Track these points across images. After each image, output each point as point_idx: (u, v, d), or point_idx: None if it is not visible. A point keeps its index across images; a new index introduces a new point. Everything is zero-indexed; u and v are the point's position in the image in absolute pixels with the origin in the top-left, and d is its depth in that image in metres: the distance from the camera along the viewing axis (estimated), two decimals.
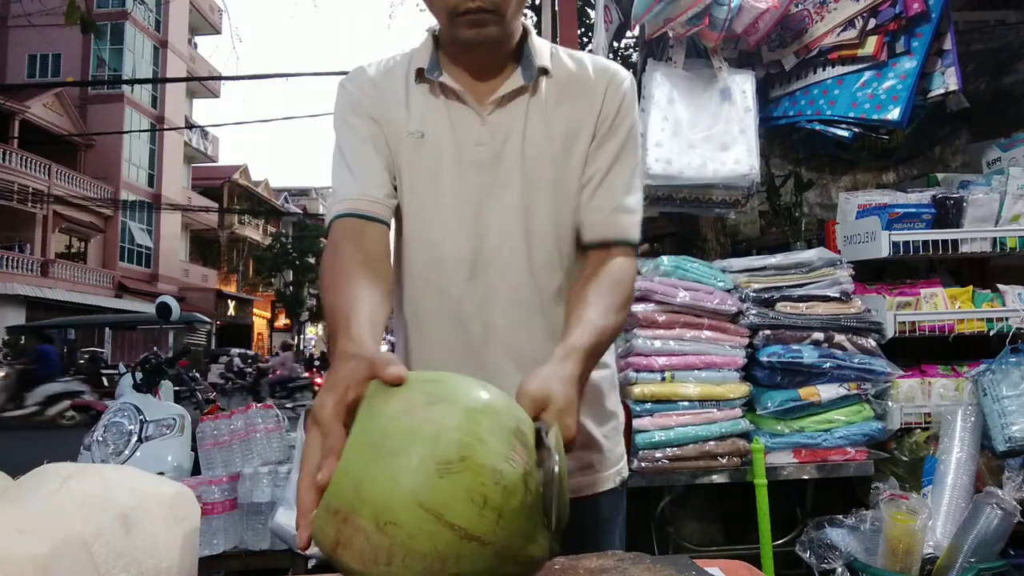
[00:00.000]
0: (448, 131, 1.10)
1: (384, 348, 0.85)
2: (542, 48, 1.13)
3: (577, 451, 0.97)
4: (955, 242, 2.27)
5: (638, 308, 2.15)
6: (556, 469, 0.65)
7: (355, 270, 0.98)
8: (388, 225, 1.09)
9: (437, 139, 1.10)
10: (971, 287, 2.33)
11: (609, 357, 1.18)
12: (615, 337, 1.02)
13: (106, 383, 11.50)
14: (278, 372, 14.32)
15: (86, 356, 14.99)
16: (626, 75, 1.15)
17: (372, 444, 0.60)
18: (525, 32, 1.13)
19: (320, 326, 36.98)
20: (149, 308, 6.12)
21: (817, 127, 2.52)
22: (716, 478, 2.13)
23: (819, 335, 2.15)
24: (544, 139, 1.10)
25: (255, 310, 35.70)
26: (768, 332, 2.16)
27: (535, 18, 11.68)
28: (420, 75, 1.11)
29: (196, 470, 3.26)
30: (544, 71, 1.10)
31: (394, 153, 1.11)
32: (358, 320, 0.88)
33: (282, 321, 38.52)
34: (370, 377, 0.69)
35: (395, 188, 1.11)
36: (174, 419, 3.60)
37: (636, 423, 2.06)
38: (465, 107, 1.10)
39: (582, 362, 0.85)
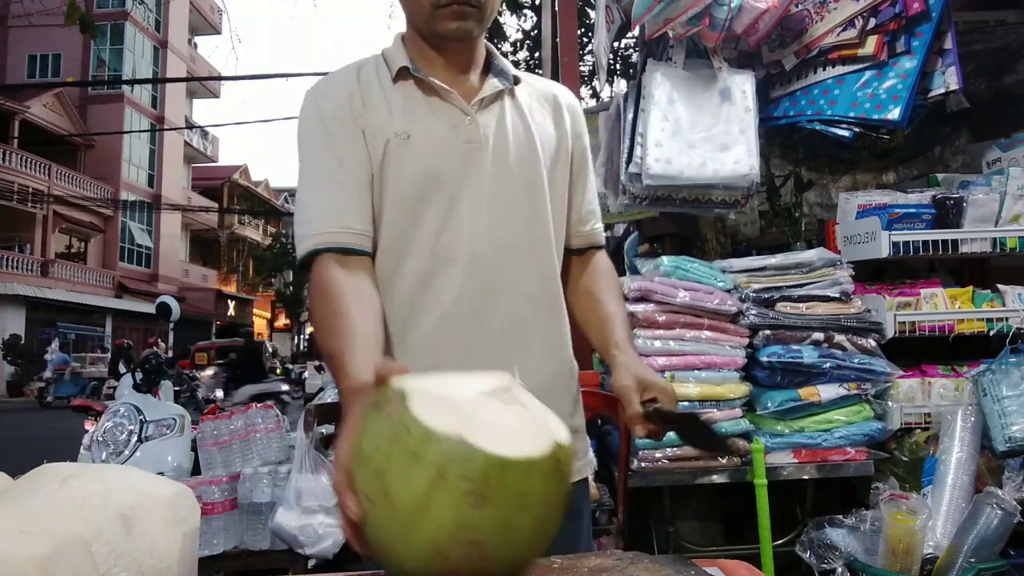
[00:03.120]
0: (435, 130, 1.08)
1: None
2: (503, 60, 1.18)
3: None
4: (955, 242, 2.27)
5: (638, 308, 2.15)
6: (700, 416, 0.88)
7: (350, 307, 0.96)
8: (372, 255, 1.06)
9: (424, 139, 1.07)
10: (971, 287, 2.33)
11: (569, 350, 1.20)
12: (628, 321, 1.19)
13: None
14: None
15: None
16: (564, 88, 1.26)
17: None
18: (489, 49, 1.17)
19: None
20: (149, 308, 6.12)
21: (817, 127, 2.52)
22: (716, 478, 2.13)
23: (819, 335, 2.15)
24: (528, 142, 1.12)
25: (255, 310, 35.70)
26: (768, 332, 2.16)
27: (535, 18, 11.68)
28: (402, 75, 1.09)
29: (196, 470, 3.26)
30: (518, 80, 1.15)
31: (377, 158, 1.07)
32: (353, 352, 0.89)
33: (282, 321, 38.52)
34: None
35: (373, 206, 1.07)
36: (174, 419, 3.60)
37: None
38: (451, 106, 1.09)
39: (635, 351, 1.10)
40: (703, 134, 2.35)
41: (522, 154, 1.11)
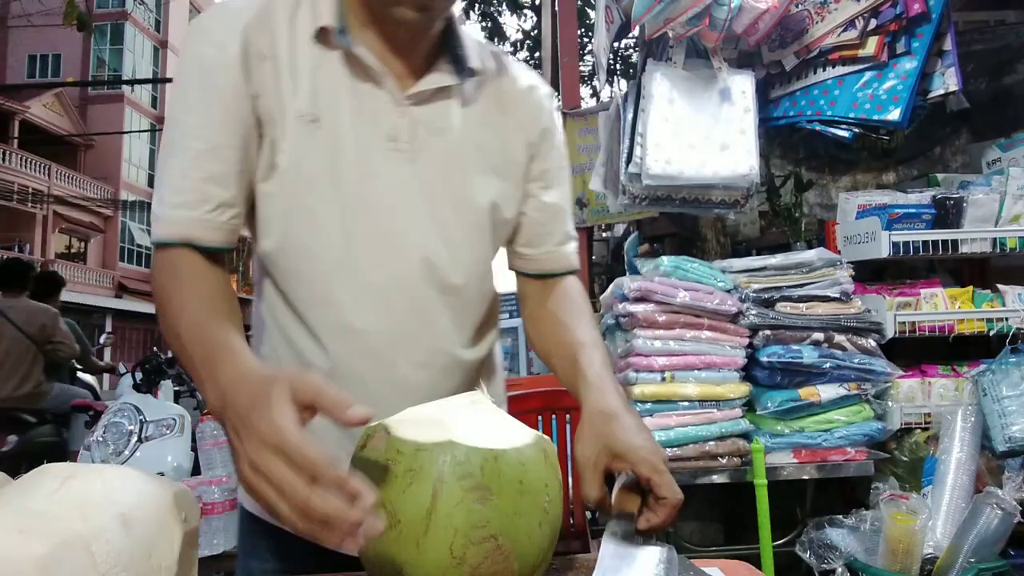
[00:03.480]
0: (354, 118, 0.86)
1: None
2: (470, 43, 0.95)
3: None
4: (955, 242, 2.27)
5: (638, 308, 2.15)
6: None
7: (214, 316, 0.78)
8: (231, 252, 0.88)
9: (337, 128, 0.85)
10: (971, 287, 2.33)
11: (498, 352, 1.09)
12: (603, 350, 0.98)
13: None
14: None
15: None
16: (549, 90, 1.04)
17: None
18: (449, 24, 0.93)
19: None
20: (149, 308, 6.10)
21: (817, 127, 2.52)
22: (716, 478, 2.13)
23: (819, 335, 2.15)
24: (473, 151, 0.93)
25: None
26: (768, 332, 2.16)
27: (535, 18, 11.69)
28: (323, 36, 0.85)
29: (196, 470, 3.26)
30: (475, 73, 0.93)
31: (269, 138, 0.86)
32: (240, 341, 0.73)
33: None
34: (309, 404, 0.60)
35: (246, 197, 0.87)
36: (174, 419, 3.60)
37: None
38: (378, 91, 0.87)
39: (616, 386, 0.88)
40: (703, 134, 2.35)
41: (460, 165, 0.92)
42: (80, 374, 5.07)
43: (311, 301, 0.89)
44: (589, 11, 9.19)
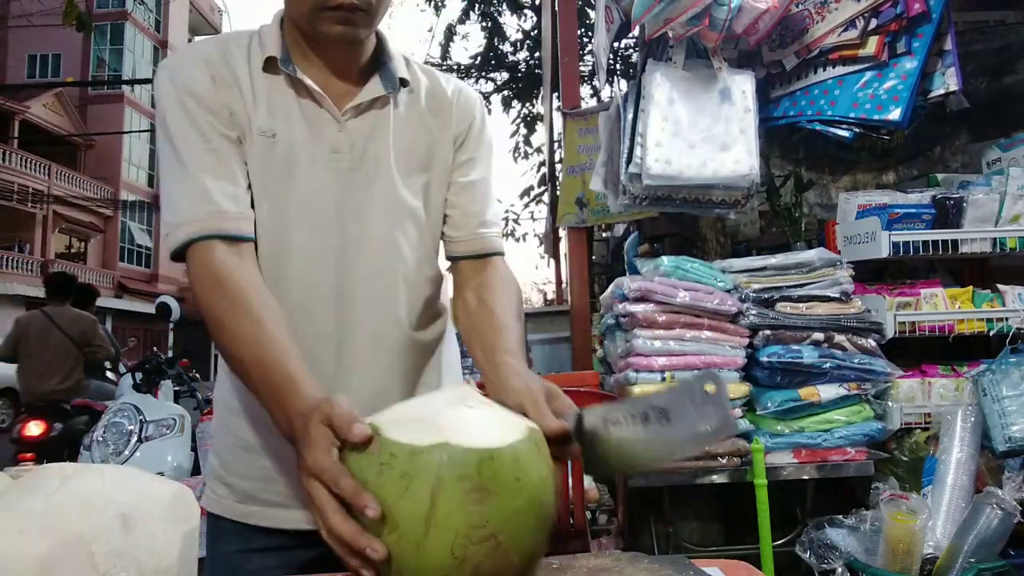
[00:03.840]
0: (303, 133, 0.99)
1: None
2: (398, 58, 1.07)
3: None
4: (955, 242, 2.27)
5: (638, 308, 2.15)
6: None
7: (261, 312, 0.87)
8: (254, 240, 0.97)
9: (290, 141, 0.98)
10: (971, 287, 2.33)
11: (452, 338, 1.17)
12: (523, 338, 1.03)
13: None
14: None
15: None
16: (477, 95, 1.16)
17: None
18: (380, 38, 1.06)
19: None
20: (149, 308, 6.15)
21: (817, 127, 2.52)
22: (716, 478, 2.13)
23: (819, 335, 2.15)
24: (404, 154, 1.04)
25: None
26: (768, 332, 2.16)
27: (535, 18, 11.68)
28: (271, 65, 0.99)
29: (196, 470, 3.27)
30: (404, 83, 1.05)
31: (243, 149, 0.98)
32: (292, 369, 0.81)
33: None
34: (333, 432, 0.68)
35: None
36: (174, 419, 3.60)
37: None
38: (320, 109, 0.99)
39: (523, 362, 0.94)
40: (703, 134, 2.35)
41: (394, 167, 1.03)
42: (108, 372, 5.57)
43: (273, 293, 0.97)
44: (589, 11, 9.18)
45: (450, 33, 12.35)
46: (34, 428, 4.37)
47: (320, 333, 1.00)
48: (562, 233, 5.28)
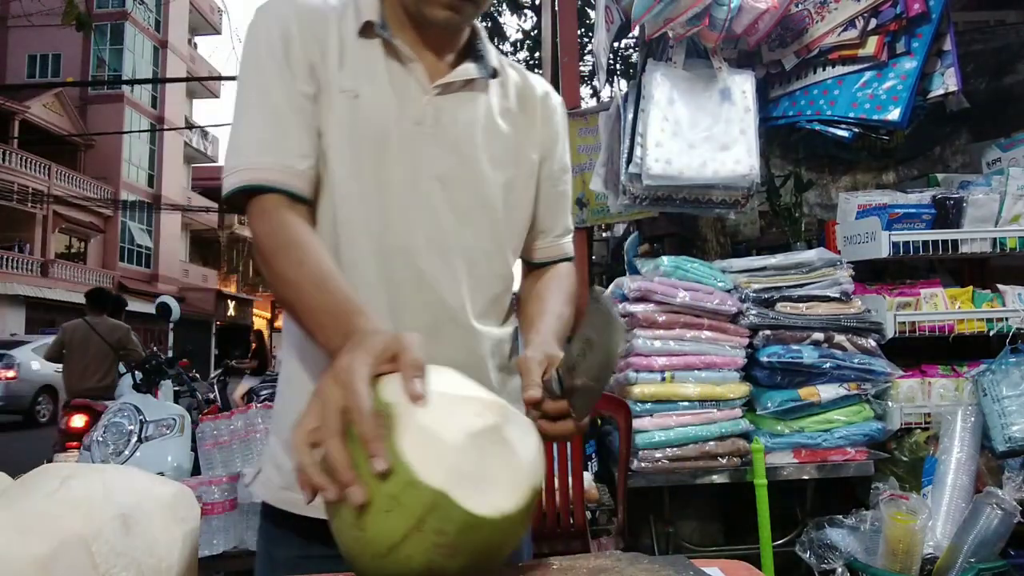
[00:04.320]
0: (388, 97, 0.95)
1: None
2: (491, 48, 1.06)
3: None
4: (955, 242, 2.27)
5: (638, 308, 2.15)
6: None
7: (332, 269, 0.85)
8: (311, 205, 0.95)
9: (376, 103, 0.95)
10: (971, 287, 2.33)
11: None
12: (570, 323, 1.05)
13: None
14: None
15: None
16: (560, 98, 1.16)
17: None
18: (474, 27, 1.05)
19: None
20: (149, 308, 6.22)
21: (817, 127, 2.52)
22: (716, 478, 2.13)
23: (819, 335, 2.15)
24: (491, 143, 1.01)
25: (255, 310, 35.71)
26: (768, 332, 2.16)
27: (535, 18, 11.68)
28: (367, 31, 0.97)
29: (196, 470, 3.26)
30: (496, 73, 1.04)
31: (319, 109, 0.95)
32: (357, 307, 0.79)
33: (282, 321, 38.47)
34: (391, 363, 0.67)
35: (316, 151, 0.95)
36: (174, 419, 3.60)
37: (636, 423, 2.06)
38: (409, 78, 0.97)
39: (556, 343, 0.95)
40: (703, 134, 2.35)
41: (478, 153, 0.99)
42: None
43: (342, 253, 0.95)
44: (589, 11, 9.18)
45: None
46: (78, 420, 4.90)
47: (373, 302, 0.93)
48: None
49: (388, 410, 0.64)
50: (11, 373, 11.77)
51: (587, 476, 2.36)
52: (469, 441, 0.64)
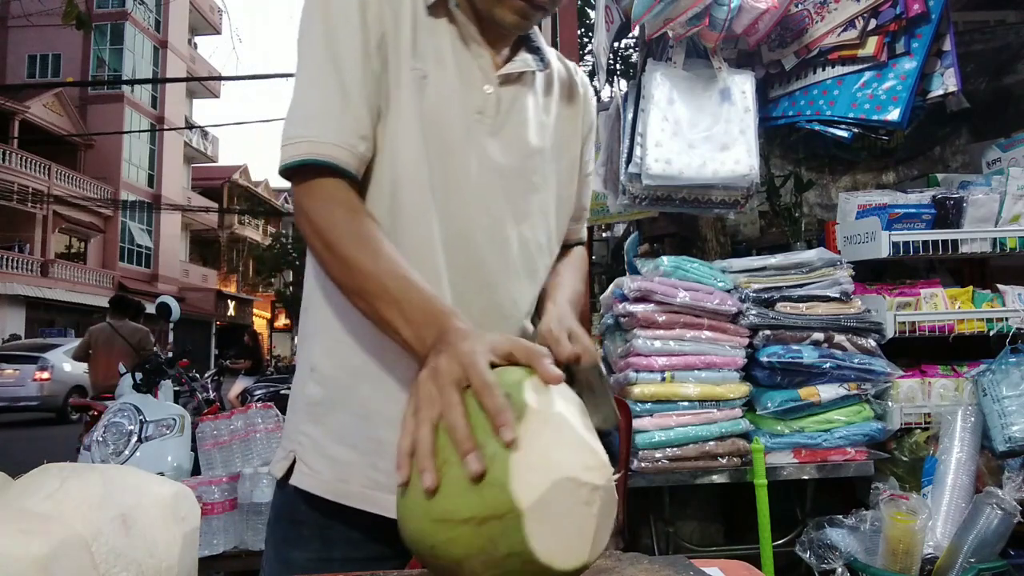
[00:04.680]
0: (453, 83, 0.93)
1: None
2: (543, 40, 1.06)
3: None
4: (955, 242, 2.27)
5: (638, 308, 2.15)
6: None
7: (398, 254, 0.84)
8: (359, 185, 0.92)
9: (442, 87, 0.92)
10: (971, 287, 2.33)
11: None
12: (584, 300, 1.13)
13: None
14: None
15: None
16: (588, 81, 1.16)
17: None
18: None
19: None
20: (149, 308, 6.28)
21: (817, 127, 2.52)
22: (716, 478, 2.13)
23: (819, 335, 2.15)
24: (540, 133, 1.02)
25: (255, 310, 35.71)
26: (768, 332, 2.16)
27: None
28: (438, 9, 0.94)
29: (196, 470, 3.26)
30: (548, 65, 1.04)
31: (386, 84, 0.91)
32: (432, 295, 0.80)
33: (282, 321, 38.52)
34: (511, 358, 0.68)
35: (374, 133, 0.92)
36: (174, 419, 3.60)
37: (636, 423, 2.06)
38: (473, 66, 0.95)
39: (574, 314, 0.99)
40: (703, 134, 2.35)
41: (532, 145, 0.99)
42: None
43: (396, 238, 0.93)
44: (589, 11, 9.17)
45: None
46: None
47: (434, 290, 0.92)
48: None
49: (510, 399, 0.63)
50: (45, 375, 12.82)
51: None
52: (570, 486, 0.61)
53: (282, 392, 7.53)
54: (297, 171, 0.87)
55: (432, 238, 0.92)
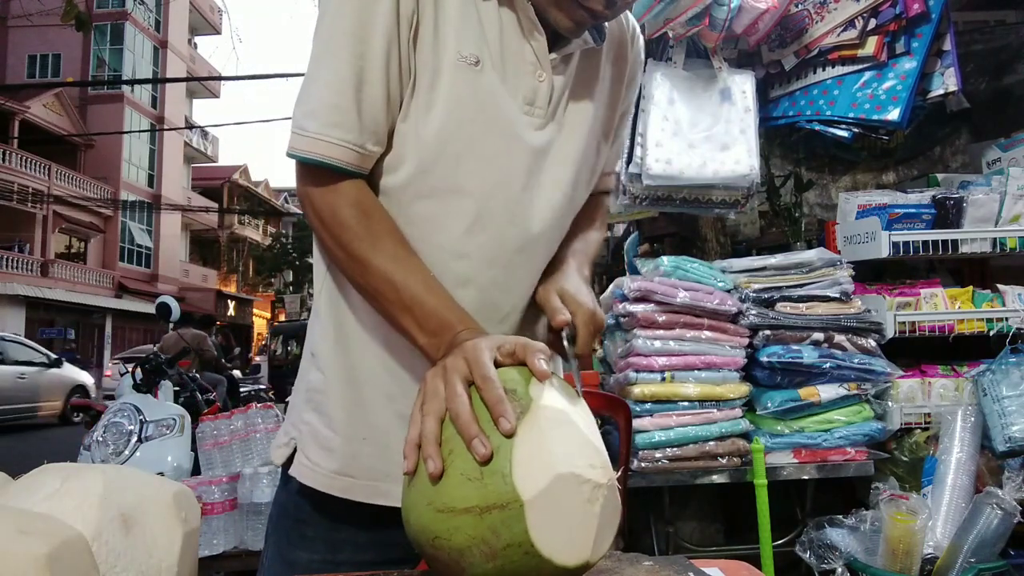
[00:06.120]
0: (502, 70, 0.87)
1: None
2: None
3: None
4: (955, 242, 2.27)
5: (638, 308, 2.15)
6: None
7: (418, 256, 0.84)
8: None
9: (492, 76, 0.86)
10: (971, 287, 2.33)
11: None
12: (596, 245, 1.07)
13: None
14: None
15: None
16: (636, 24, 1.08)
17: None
18: None
19: None
20: (149, 308, 6.30)
21: (817, 127, 2.52)
22: (716, 478, 2.13)
23: (819, 335, 2.15)
24: (590, 122, 0.96)
25: (255, 310, 35.70)
26: (768, 332, 2.16)
27: None
28: None
29: (196, 470, 3.26)
30: (604, 36, 0.95)
31: (430, 72, 0.84)
32: (450, 301, 0.81)
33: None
34: (515, 357, 0.69)
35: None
36: (174, 419, 3.60)
37: (636, 423, 2.06)
38: (527, 50, 0.88)
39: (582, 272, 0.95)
40: (703, 134, 2.36)
41: (577, 140, 0.94)
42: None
43: (422, 237, 0.88)
44: None
45: None
46: None
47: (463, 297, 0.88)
48: None
49: (512, 395, 0.65)
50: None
51: None
52: (573, 481, 0.62)
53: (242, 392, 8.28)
54: (303, 162, 0.85)
55: (466, 235, 0.88)
